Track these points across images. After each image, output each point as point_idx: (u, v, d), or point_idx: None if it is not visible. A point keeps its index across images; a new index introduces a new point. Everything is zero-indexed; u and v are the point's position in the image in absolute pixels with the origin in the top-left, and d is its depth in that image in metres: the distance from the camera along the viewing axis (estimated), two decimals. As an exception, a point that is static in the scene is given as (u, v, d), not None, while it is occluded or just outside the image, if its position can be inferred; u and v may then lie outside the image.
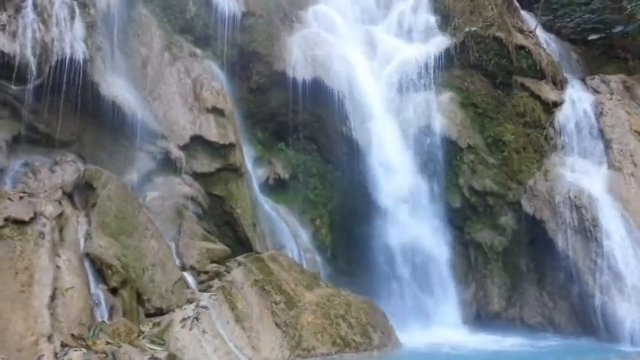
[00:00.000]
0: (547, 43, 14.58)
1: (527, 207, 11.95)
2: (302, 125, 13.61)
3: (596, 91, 13.26)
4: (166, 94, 11.54)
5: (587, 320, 10.99)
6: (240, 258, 9.69)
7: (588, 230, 10.99)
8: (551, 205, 11.59)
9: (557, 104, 12.91)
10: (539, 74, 13.29)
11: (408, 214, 12.66)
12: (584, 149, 12.41)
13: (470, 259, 12.62)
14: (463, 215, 12.91)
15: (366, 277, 12.06)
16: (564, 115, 12.67)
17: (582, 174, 11.91)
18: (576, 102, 12.83)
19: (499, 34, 13.34)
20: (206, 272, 9.27)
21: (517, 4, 15.16)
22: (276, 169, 13.23)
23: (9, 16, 9.19)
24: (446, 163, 13.01)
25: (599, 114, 12.43)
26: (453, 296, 12.20)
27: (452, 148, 13.00)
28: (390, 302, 11.47)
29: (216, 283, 8.84)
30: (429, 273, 12.18)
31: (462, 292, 12.34)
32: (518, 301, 12.16)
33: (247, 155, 12.57)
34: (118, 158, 10.33)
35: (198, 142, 11.45)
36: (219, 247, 10.05)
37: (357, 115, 13.21)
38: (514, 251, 12.27)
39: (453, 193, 12.89)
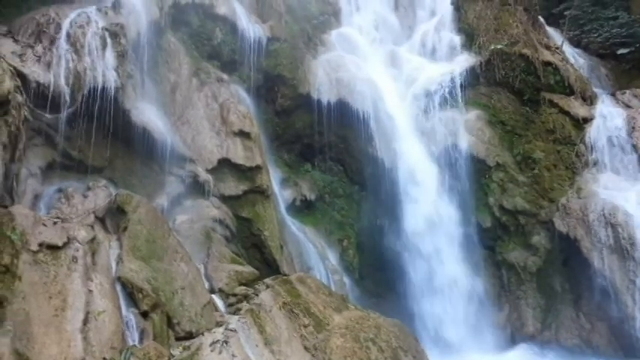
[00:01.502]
0: (575, 59, 14.40)
1: (561, 225, 11.65)
2: (328, 146, 13.67)
3: (627, 106, 12.94)
4: (194, 118, 11.77)
5: (627, 342, 10.56)
6: (268, 280, 9.65)
7: (625, 249, 10.64)
8: (585, 224, 11.28)
9: (587, 120, 12.65)
10: (568, 90, 13.07)
11: (437, 233, 12.49)
12: (617, 165, 12.09)
13: (502, 280, 12.32)
14: (494, 235, 12.65)
15: (395, 298, 11.89)
16: (595, 131, 12.40)
17: (616, 191, 11.57)
18: (607, 117, 12.55)
19: (525, 51, 13.22)
20: (235, 295, 9.27)
21: (542, 20, 15.03)
22: (303, 190, 13.27)
23: (44, 48, 9.55)
24: (474, 182, 12.83)
25: (632, 129, 12.13)
26: (486, 318, 11.90)
27: (480, 167, 12.83)
28: (420, 324, 11.26)
29: (244, 305, 8.80)
30: (461, 294, 11.95)
31: (495, 314, 12.03)
32: (554, 323, 11.77)
33: (274, 177, 12.65)
34: (149, 182, 10.51)
35: (225, 165, 11.58)
36: (247, 269, 10.05)
37: (383, 136, 13.21)
38: (548, 271, 11.94)
39: (483, 213, 12.68)
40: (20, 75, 8.84)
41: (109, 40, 10.04)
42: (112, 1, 10.78)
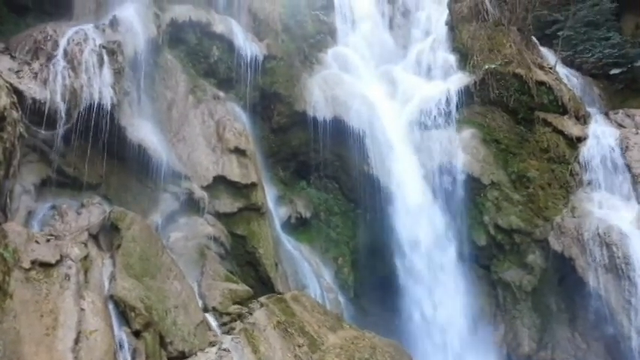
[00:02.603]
0: (568, 79, 14.53)
1: (556, 244, 11.65)
2: (323, 164, 13.71)
3: (620, 126, 13.05)
4: (190, 135, 11.79)
5: (624, 363, 10.51)
6: (262, 299, 9.58)
7: (620, 268, 10.63)
8: (580, 243, 11.28)
9: (581, 139, 12.74)
10: (562, 109, 13.20)
11: (432, 252, 12.47)
12: (611, 185, 12.13)
13: (498, 300, 12.27)
14: (489, 254, 12.63)
15: (390, 317, 11.81)
16: (589, 151, 12.47)
17: (611, 210, 11.60)
18: (601, 137, 12.64)
19: (519, 70, 13.37)
20: (228, 314, 9.18)
21: (536, 40, 15.22)
22: (298, 207, 13.26)
23: (41, 65, 9.57)
24: (469, 200, 12.86)
25: (625, 149, 12.21)
26: (482, 338, 11.82)
27: (475, 185, 12.87)
28: (416, 344, 11.17)
29: (238, 325, 8.73)
30: (456, 313, 11.88)
31: (490, 333, 11.96)
32: (550, 343, 11.70)
33: (269, 194, 12.64)
34: (143, 199, 10.47)
35: (220, 182, 11.57)
36: (241, 287, 9.98)
37: (378, 154, 13.26)
38: (543, 290, 11.90)
39: (478, 231, 12.68)
40: (16, 91, 8.83)
41: (105, 58, 10.07)
42: (110, 19, 10.83)
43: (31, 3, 11.00)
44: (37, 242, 7.54)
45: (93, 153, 9.69)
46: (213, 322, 8.94)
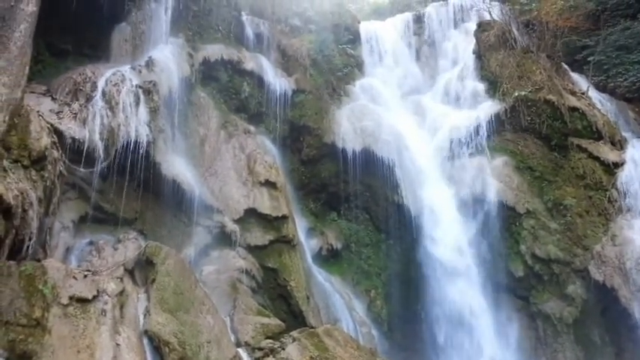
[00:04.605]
0: (601, 104, 14.26)
1: (597, 274, 11.22)
2: (353, 195, 13.67)
3: (659, 150, 12.66)
4: (222, 169, 12.00)
5: (677, 400, 9.91)
6: (294, 333, 9.49)
7: (667, 298, 10.16)
8: (622, 272, 10.85)
9: (618, 165, 12.39)
10: (596, 135, 12.91)
11: (466, 282, 12.17)
12: (652, 211, 11.70)
13: (538, 332, 11.80)
14: (527, 285, 12.21)
15: (425, 351, 11.49)
16: (627, 176, 12.11)
17: (653, 237, 11.16)
18: (638, 162, 12.28)
19: (550, 97, 13.20)
20: (261, 349, 9.11)
21: (566, 66, 15.06)
22: (329, 239, 13.21)
23: (80, 105, 9.98)
24: (504, 229, 12.55)
25: (666, 173, 11.82)
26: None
27: (509, 214, 12.58)
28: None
29: (271, 360, 8.65)
30: (494, 347, 11.48)
31: (531, 368, 11.51)
32: (595, 379, 11.16)
33: (300, 226, 12.65)
34: (177, 234, 10.64)
35: (252, 215, 11.67)
36: (273, 321, 9.92)
37: (409, 183, 13.18)
38: (586, 322, 11.41)
39: (515, 261, 12.30)
40: (57, 131, 9.21)
41: (142, 97, 10.46)
42: (146, 60, 11.29)
43: (71, 47, 11.54)
44: (74, 278, 7.71)
45: (129, 189, 9.95)
46: (245, 356, 8.88)
